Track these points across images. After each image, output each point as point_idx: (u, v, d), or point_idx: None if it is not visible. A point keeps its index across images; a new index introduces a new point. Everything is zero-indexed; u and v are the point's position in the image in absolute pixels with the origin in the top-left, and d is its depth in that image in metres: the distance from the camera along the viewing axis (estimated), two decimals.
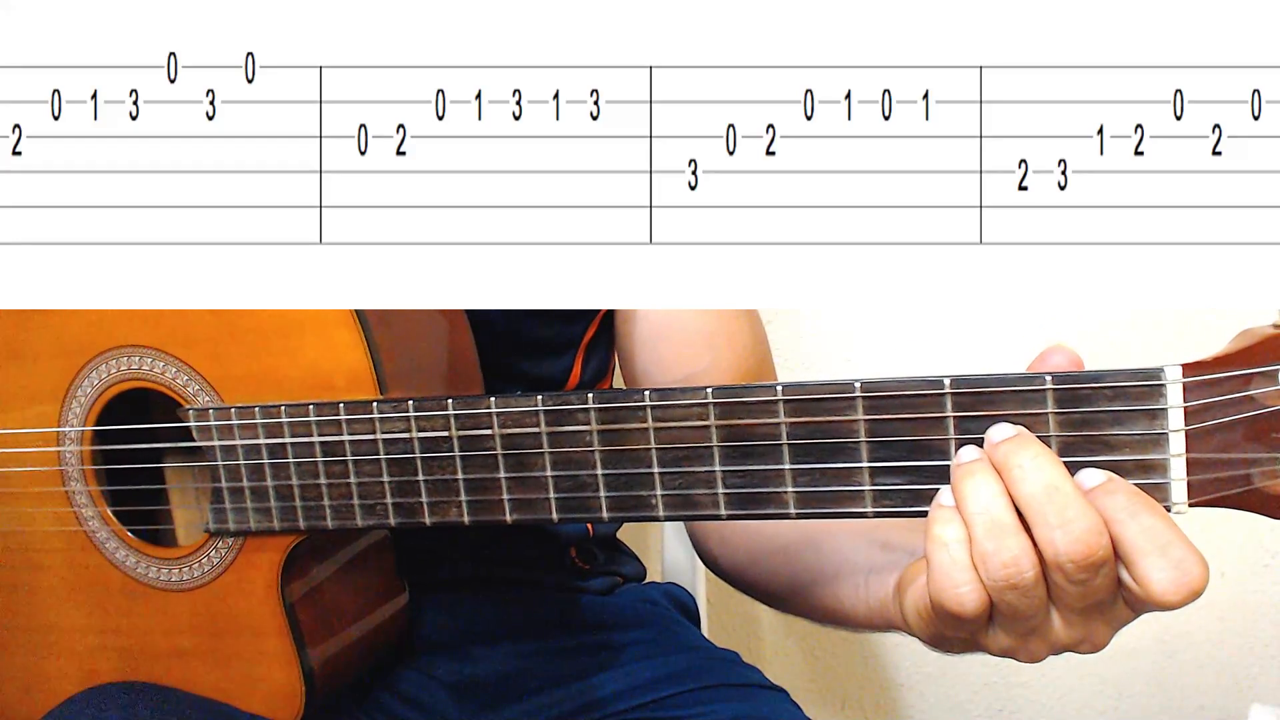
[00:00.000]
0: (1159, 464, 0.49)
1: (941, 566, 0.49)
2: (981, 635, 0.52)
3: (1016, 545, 0.48)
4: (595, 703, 0.82)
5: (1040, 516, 0.47)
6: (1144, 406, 0.49)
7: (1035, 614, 0.49)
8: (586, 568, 0.89)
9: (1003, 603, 0.49)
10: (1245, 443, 0.48)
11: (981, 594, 0.49)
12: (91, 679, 0.75)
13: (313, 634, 0.70)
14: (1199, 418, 0.49)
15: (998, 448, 0.49)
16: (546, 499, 0.59)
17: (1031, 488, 0.48)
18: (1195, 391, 0.48)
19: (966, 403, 0.51)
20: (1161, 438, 0.49)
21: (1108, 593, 0.48)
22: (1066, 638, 0.51)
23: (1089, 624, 0.50)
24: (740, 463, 0.55)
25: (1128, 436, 0.49)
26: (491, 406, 0.59)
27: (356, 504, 0.63)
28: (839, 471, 0.53)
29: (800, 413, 0.53)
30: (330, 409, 0.63)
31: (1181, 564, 0.46)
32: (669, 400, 0.55)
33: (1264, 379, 0.48)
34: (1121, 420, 0.49)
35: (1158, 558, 0.46)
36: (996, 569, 0.48)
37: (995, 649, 0.52)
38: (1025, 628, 0.50)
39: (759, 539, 0.75)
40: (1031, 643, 0.51)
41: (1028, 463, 0.48)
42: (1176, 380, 0.48)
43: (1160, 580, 0.46)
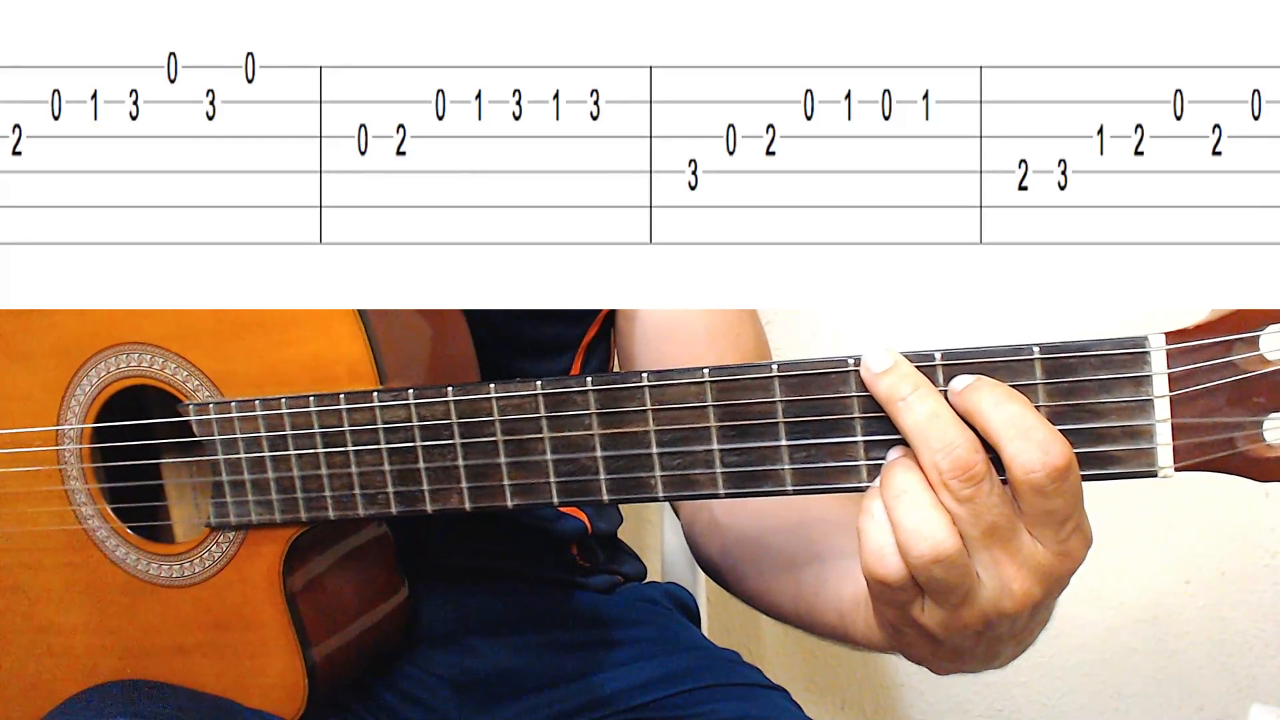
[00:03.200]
0: (1145, 429, 0.51)
1: (866, 533, 0.52)
2: (913, 607, 0.53)
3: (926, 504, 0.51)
4: (596, 701, 0.82)
5: (924, 443, 0.50)
6: (1129, 374, 0.50)
7: (958, 584, 0.50)
8: (587, 565, 0.89)
9: (920, 568, 0.50)
10: (1228, 407, 0.50)
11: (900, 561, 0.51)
12: (93, 678, 0.75)
13: (315, 627, 0.70)
14: (1183, 384, 0.50)
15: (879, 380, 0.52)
16: (547, 483, 0.59)
17: (915, 416, 0.50)
18: (1179, 358, 0.50)
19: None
20: (1147, 404, 0.50)
21: (1000, 513, 0.50)
22: (992, 592, 0.51)
23: (1001, 567, 0.51)
24: (738, 441, 0.55)
25: (1114, 404, 0.51)
26: (491, 392, 0.59)
27: (358, 493, 0.63)
28: (835, 446, 0.54)
29: (796, 390, 0.54)
30: (331, 399, 0.63)
31: (1044, 444, 0.48)
32: (666, 381, 0.56)
33: (1245, 345, 0.49)
34: (1108, 388, 0.51)
35: (1022, 441, 0.49)
36: (912, 536, 0.50)
37: (931, 623, 0.52)
38: (952, 595, 0.51)
39: (749, 521, 0.76)
40: (963, 611, 0.51)
41: (910, 395, 0.51)
42: (1160, 347, 0.50)
43: (1025, 459, 0.48)
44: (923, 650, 0.56)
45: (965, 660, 0.56)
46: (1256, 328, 0.49)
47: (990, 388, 0.50)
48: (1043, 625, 0.56)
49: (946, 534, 0.49)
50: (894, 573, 0.51)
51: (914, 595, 0.52)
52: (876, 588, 0.53)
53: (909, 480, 0.51)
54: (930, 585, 0.51)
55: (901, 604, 0.53)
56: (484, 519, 0.68)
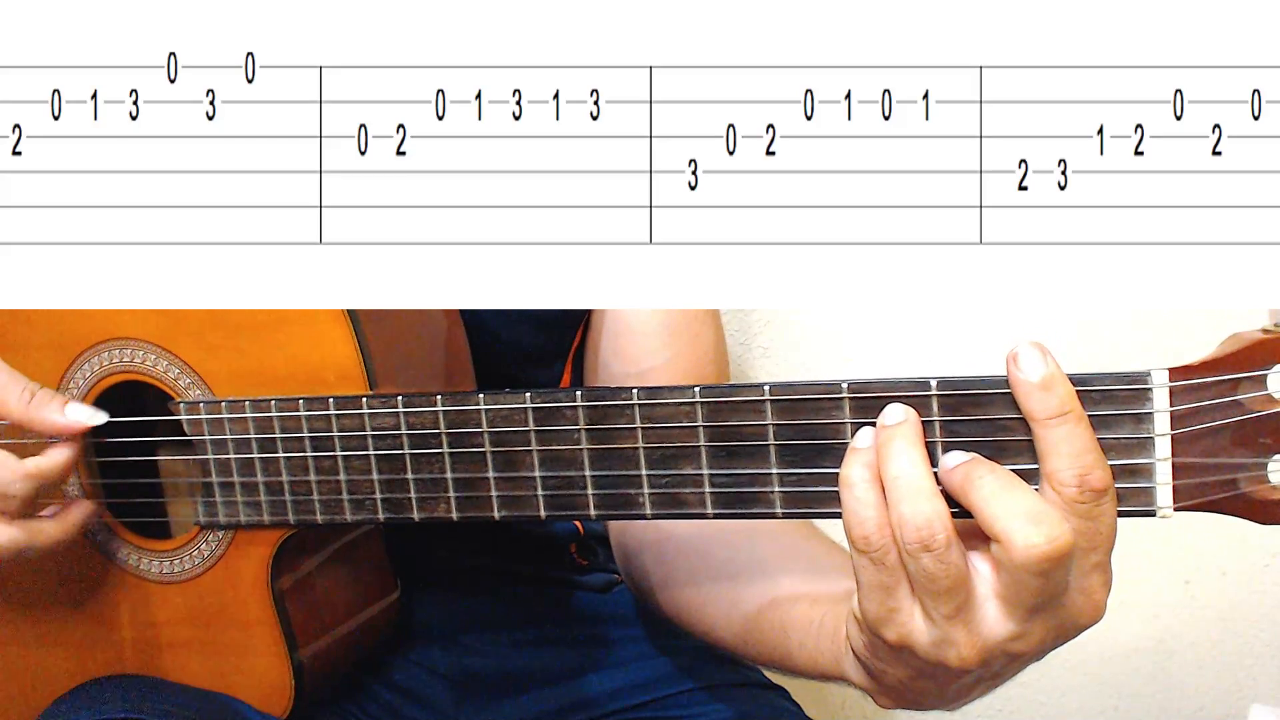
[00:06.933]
0: (1145, 468, 0.49)
1: (847, 506, 0.51)
2: (906, 616, 0.51)
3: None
4: (594, 700, 0.82)
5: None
6: (1130, 410, 0.49)
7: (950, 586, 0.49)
8: (586, 564, 0.89)
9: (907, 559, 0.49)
10: (1232, 447, 0.48)
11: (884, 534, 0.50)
12: (87, 673, 0.75)
13: (302, 627, 0.70)
14: (1185, 422, 0.48)
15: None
16: (534, 496, 0.59)
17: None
18: (1182, 396, 0.48)
19: (953, 404, 0.51)
20: (1148, 441, 0.49)
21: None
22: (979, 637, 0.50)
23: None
24: (727, 463, 0.55)
25: (1113, 440, 0.49)
26: (480, 403, 0.59)
27: (345, 499, 0.63)
28: (826, 472, 0.53)
29: (787, 413, 0.53)
30: (320, 403, 0.63)
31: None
32: (657, 399, 0.56)
33: (1252, 384, 0.48)
34: (1108, 424, 0.49)
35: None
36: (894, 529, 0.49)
37: (924, 643, 0.51)
38: (947, 602, 0.50)
39: (693, 530, 0.74)
40: (956, 630, 0.50)
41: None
42: (1163, 384, 0.48)
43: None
44: (894, 675, 0.54)
45: (926, 697, 0.55)
46: (1263, 366, 0.47)
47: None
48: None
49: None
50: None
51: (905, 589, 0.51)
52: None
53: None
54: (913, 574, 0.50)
55: (890, 609, 0.51)
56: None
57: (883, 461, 0.50)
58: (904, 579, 0.50)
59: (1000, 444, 0.51)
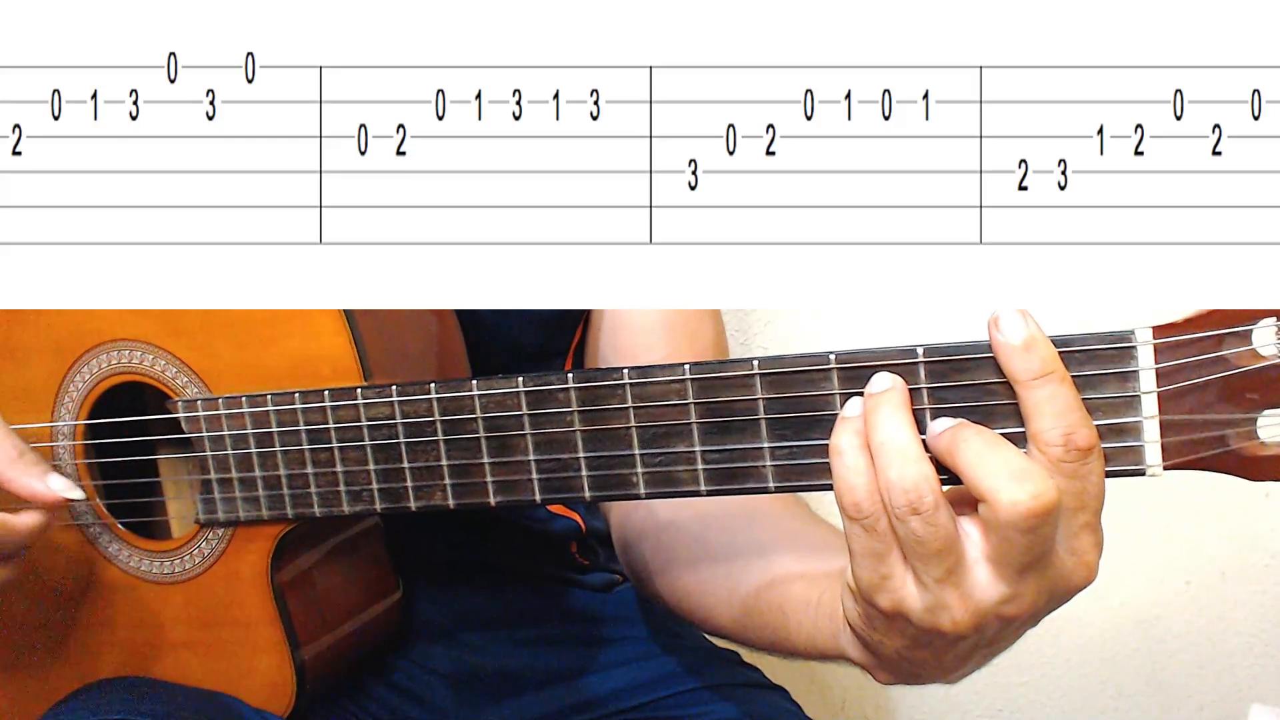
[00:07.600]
0: (1132, 427, 0.49)
1: (837, 474, 0.51)
2: (899, 583, 0.51)
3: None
4: (594, 700, 0.82)
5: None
6: (1115, 369, 0.49)
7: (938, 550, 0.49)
8: (586, 563, 0.89)
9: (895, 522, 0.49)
10: (1219, 404, 0.48)
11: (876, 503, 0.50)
12: (89, 675, 0.75)
13: (304, 625, 0.70)
14: (1171, 379, 0.48)
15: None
16: (529, 480, 0.59)
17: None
18: (1167, 353, 0.48)
19: (941, 371, 0.51)
20: (1134, 400, 0.49)
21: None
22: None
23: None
24: (719, 439, 0.55)
25: (1100, 400, 0.49)
26: (474, 389, 0.59)
27: (343, 490, 0.64)
28: (817, 443, 0.53)
29: (777, 386, 0.54)
30: (315, 396, 0.63)
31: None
32: (648, 378, 0.56)
33: (1236, 339, 0.48)
34: (1093, 384, 0.49)
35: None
36: (887, 491, 0.49)
37: (918, 608, 0.51)
38: (937, 566, 0.50)
39: (691, 515, 0.74)
40: (948, 594, 0.50)
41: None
42: (1147, 342, 0.48)
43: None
44: (890, 645, 0.54)
45: (923, 668, 0.55)
46: (1248, 321, 0.48)
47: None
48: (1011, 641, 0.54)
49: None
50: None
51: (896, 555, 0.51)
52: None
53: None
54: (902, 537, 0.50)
55: (883, 576, 0.51)
56: (483, 516, 0.68)
57: (870, 428, 0.50)
58: (895, 545, 0.50)
59: (988, 409, 0.51)
